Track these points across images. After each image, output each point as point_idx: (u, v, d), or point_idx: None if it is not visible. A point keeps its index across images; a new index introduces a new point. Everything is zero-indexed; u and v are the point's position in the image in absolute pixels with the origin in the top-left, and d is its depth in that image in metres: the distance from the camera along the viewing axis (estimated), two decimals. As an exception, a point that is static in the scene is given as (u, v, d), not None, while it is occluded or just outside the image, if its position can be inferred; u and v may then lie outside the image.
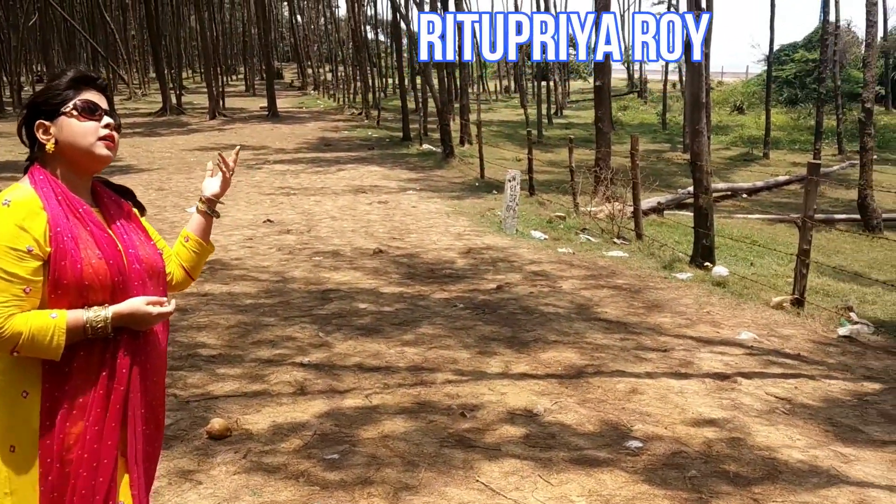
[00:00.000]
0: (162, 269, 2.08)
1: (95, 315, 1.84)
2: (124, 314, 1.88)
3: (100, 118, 1.96)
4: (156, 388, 2.01)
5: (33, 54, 59.03)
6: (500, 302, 6.96)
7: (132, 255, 1.95)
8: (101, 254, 1.87)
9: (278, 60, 74.14)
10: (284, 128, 30.78)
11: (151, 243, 2.09)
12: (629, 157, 10.81)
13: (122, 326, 1.88)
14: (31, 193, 1.86)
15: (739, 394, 4.82)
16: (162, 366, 2.05)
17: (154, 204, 13.02)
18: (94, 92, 1.98)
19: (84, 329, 1.83)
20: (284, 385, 4.91)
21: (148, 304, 1.91)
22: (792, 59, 39.68)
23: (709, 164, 9.12)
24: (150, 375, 1.98)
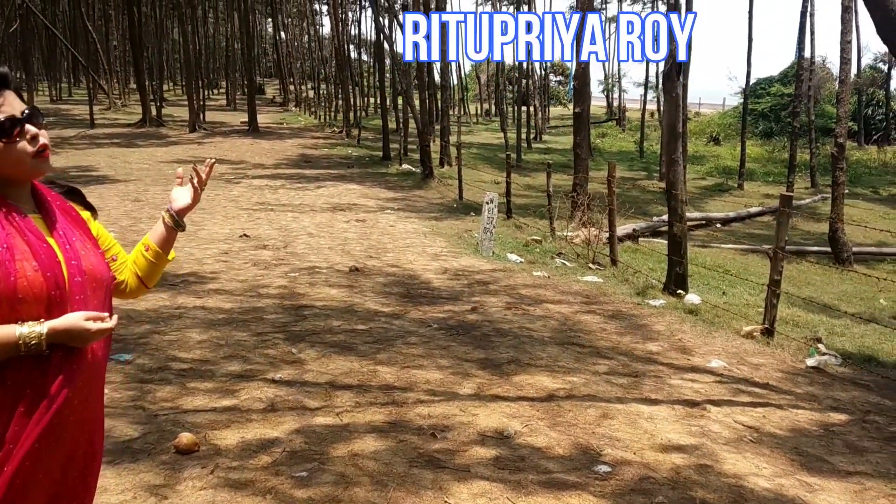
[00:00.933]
0: (108, 281, 1.95)
1: (30, 331, 1.70)
2: (60, 330, 1.74)
3: (24, 133, 1.80)
4: (91, 410, 1.87)
5: (13, 61, 58.56)
6: (475, 323, 6.98)
7: (74, 266, 1.82)
8: (38, 265, 1.74)
9: (261, 76, 74.21)
10: (264, 143, 30.73)
11: (98, 252, 1.96)
12: (606, 184, 10.91)
13: (57, 343, 1.75)
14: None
15: (708, 421, 4.86)
16: (99, 385, 1.91)
17: (130, 215, 12.93)
18: (3, 93, 1.80)
19: (17, 346, 1.69)
20: (255, 401, 4.89)
21: (87, 319, 1.78)
22: (768, 93, 40.37)
23: (684, 193, 9.23)
24: (85, 396, 1.83)
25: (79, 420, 1.82)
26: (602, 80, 58.12)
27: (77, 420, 1.82)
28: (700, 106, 53.66)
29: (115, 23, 53.13)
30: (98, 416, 1.94)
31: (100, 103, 42.30)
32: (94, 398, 1.89)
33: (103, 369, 1.95)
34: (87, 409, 1.86)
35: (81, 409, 1.83)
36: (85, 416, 1.85)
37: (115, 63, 53.13)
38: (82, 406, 1.83)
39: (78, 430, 1.84)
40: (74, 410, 1.80)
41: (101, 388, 1.95)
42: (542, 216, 14.64)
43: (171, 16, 58.92)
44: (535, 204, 17.85)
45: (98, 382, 1.91)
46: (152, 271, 2.20)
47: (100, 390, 1.93)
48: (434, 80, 32.01)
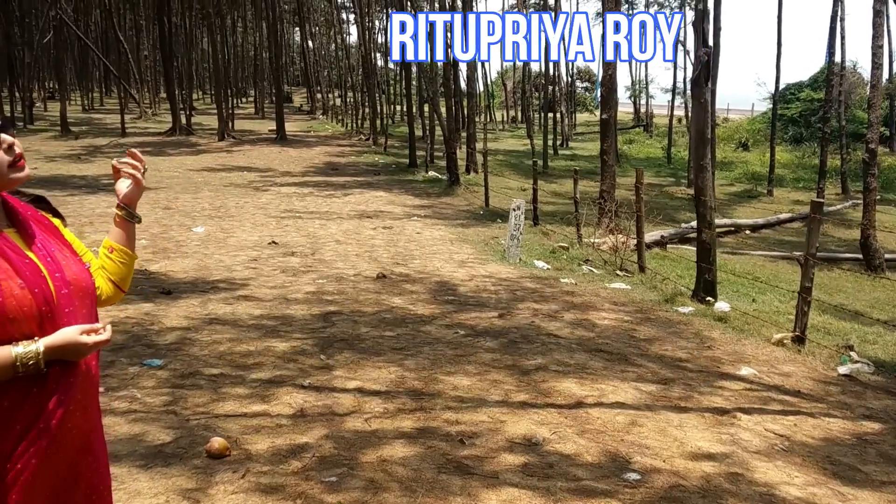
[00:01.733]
0: (92, 288, 1.93)
1: (26, 351, 1.67)
2: (57, 347, 1.71)
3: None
4: (90, 420, 1.86)
5: (46, 71, 59.63)
6: (502, 330, 6.98)
7: (59, 278, 1.79)
8: (24, 282, 1.71)
9: (288, 84, 74.79)
10: (292, 151, 30.97)
11: (77, 259, 1.92)
12: (633, 190, 10.86)
13: (54, 359, 1.73)
14: None
15: (739, 429, 4.82)
16: (95, 395, 1.90)
17: (160, 223, 13.09)
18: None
19: (14, 367, 1.67)
20: (285, 406, 4.93)
21: (82, 333, 1.76)
22: (797, 98, 39.92)
23: (713, 199, 9.17)
24: (84, 408, 1.82)
25: (80, 432, 1.82)
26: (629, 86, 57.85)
27: (79, 433, 1.81)
28: (728, 111, 53.20)
29: (146, 33, 53.92)
30: (97, 425, 1.93)
31: (131, 112, 42.91)
32: (92, 408, 1.88)
33: (97, 379, 1.93)
34: (87, 421, 1.85)
35: (82, 421, 1.82)
36: (85, 427, 1.84)
37: (145, 73, 53.93)
38: (83, 418, 1.82)
39: (80, 443, 1.83)
40: (76, 424, 1.79)
41: (97, 397, 1.94)
42: (569, 223, 14.60)
43: (200, 25, 59.60)
44: (561, 211, 17.81)
45: (93, 392, 1.89)
46: (124, 273, 2.13)
47: (96, 400, 1.92)
48: (460, 88, 32.10)
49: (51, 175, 20.12)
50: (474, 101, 29.28)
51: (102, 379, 5.26)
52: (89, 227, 12.31)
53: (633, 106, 55.98)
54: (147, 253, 10.25)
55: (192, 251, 10.59)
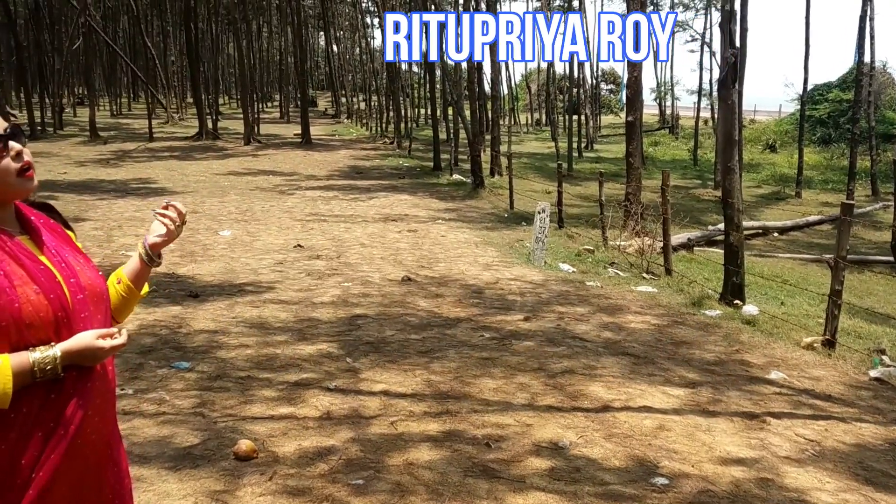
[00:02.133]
0: (106, 294, 1.94)
1: (43, 356, 1.68)
2: (74, 352, 1.73)
3: (7, 150, 1.77)
4: (108, 424, 1.87)
5: (75, 77, 60.49)
6: (528, 333, 6.96)
7: (74, 284, 1.80)
8: (39, 288, 1.71)
9: (313, 89, 75.21)
10: (317, 155, 31.12)
11: (91, 265, 1.93)
12: (659, 192, 10.79)
13: (70, 364, 1.74)
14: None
15: (768, 434, 4.77)
16: (111, 400, 1.91)
17: (187, 226, 13.16)
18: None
19: (32, 372, 1.67)
20: (311, 409, 4.95)
21: (98, 337, 1.77)
22: (826, 99, 39.45)
23: (740, 201, 9.09)
24: (102, 412, 1.83)
25: (99, 436, 1.83)
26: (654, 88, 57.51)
27: (98, 436, 1.82)
28: (755, 113, 52.68)
29: (172, 39, 54.55)
30: (115, 429, 1.94)
31: (158, 117, 43.36)
32: (110, 412, 1.89)
33: (114, 383, 1.94)
34: (106, 424, 1.86)
35: (101, 425, 1.83)
36: (104, 431, 1.85)
37: (172, 78, 54.47)
38: (101, 422, 1.83)
39: (100, 446, 1.84)
40: (95, 428, 1.81)
41: (114, 401, 1.94)
42: (594, 226, 14.53)
43: (226, 31, 60.21)
44: (586, 213, 17.74)
45: (110, 396, 1.90)
46: (123, 306, 2.10)
47: (113, 404, 1.92)
48: (484, 91, 32.10)
49: (80, 180, 20.38)
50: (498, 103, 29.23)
51: (132, 381, 5.32)
52: (118, 230, 12.46)
53: (659, 108, 55.63)
54: (175, 256, 10.34)
55: (219, 254, 10.67)
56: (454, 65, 27.72)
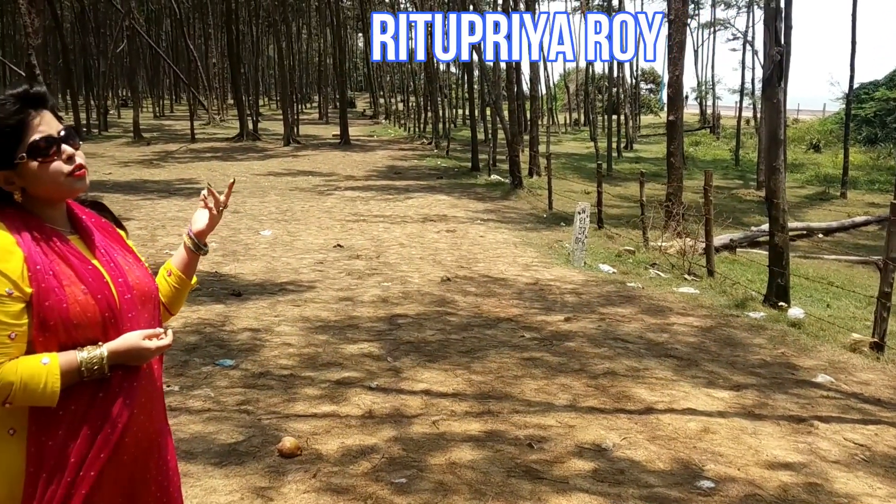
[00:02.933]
0: (155, 293, 1.96)
1: (90, 356, 1.71)
2: (121, 351, 1.75)
3: (60, 152, 1.78)
4: (156, 422, 1.89)
5: (119, 80, 61.63)
6: (568, 334, 6.92)
7: (122, 283, 1.82)
8: (87, 288, 1.74)
9: (352, 90, 75.69)
10: (355, 155, 31.31)
11: (140, 264, 1.95)
12: (700, 193, 10.66)
13: (117, 364, 1.77)
14: (2, 232, 1.72)
15: (816, 438, 4.68)
16: (159, 398, 1.93)
17: (229, 226, 13.37)
18: (39, 112, 1.78)
19: (79, 371, 1.70)
20: (354, 408, 4.98)
21: (145, 338, 1.79)
22: (872, 98, 38.65)
23: (785, 202, 8.94)
24: (148, 411, 1.85)
25: (146, 434, 1.85)
26: (695, 88, 56.90)
27: (144, 435, 1.84)
28: (798, 112, 51.82)
29: (214, 41, 55.25)
30: (163, 427, 1.95)
31: (199, 118, 43.97)
32: (156, 411, 1.90)
33: (161, 382, 1.96)
34: (152, 423, 1.87)
35: (147, 423, 1.85)
36: (151, 429, 1.87)
37: (213, 80, 55.22)
38: (147, 420, 1.85)
39: (147, 444, 1.86)
40: (141, 426, 1.83)
41: (162, 399, 1.97)
42: (635, 226, 14.40)
43: (266, 33, 60.84)
44: (626, 214, 17.59)
45: (157, 394, 1.92)
46: (176, 297, 2.13)
47: (160, 402, 1.95)
48: (523, 91, 32.00)
49: (125, 180, 20.75)
50: (537, 103, 29.09)
51: (178, 378, 5.40)
52: (161, 230, 12.65)
53: (700, 107, 55.02)
54: (217, 256, 10.48)
55: (261, 254, 10.78)
56: (493, 65, 27.66)
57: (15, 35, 52.45)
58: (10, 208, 1.78)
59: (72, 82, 37.86)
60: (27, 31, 11.59)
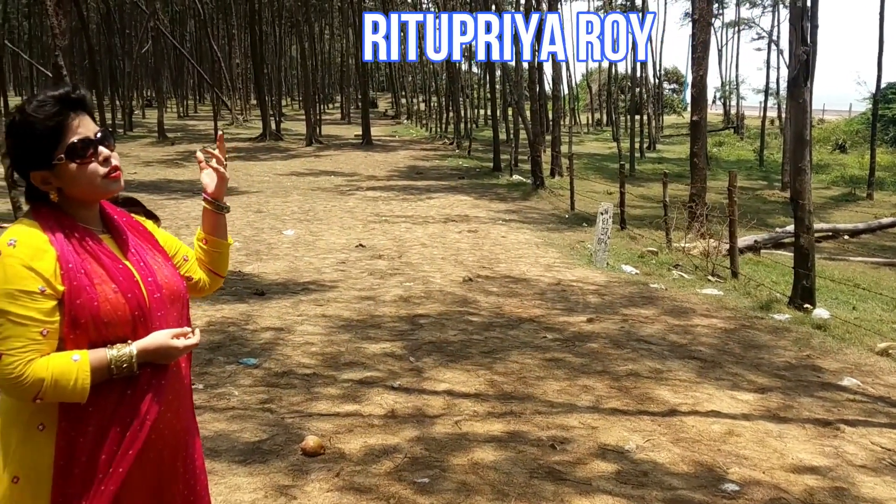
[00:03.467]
0: (183, 292, 1.98)
1: (119, 353, 1.74)
2: (150, 350, 1.79)
3: (97, 154, 1.82)
4: (183, 420, 1.92)
5: (144, 80, 62.19)
6: (591, 335, 6.90)
7: (151, 283, 1.86)
8: (118, 287, 1.78)
9: (373, 90, 75.87)
10: (377, 155, 31.39)
11: (169, 263, 1.99)
12: (724, 194, 10.58)
13: (145, 362, 1.80)
14: (36, 230, 1.76)
15: (843, 441, 4.63)
16: (187, 396, 1.96)
17: (252, 226, 13.47)
18: (78, 114, 1.82)
19: (109, 369, 1.73)
20: (376, 407, 4.99)
21: (173, 336, 1.83)
22: (900, 97, 38.14)
23: (811, 203, 8.85)
24: (175, 409, 1.88)
25: (173, 432, 1.87)
26: (718, 88, 56.45)
27: (171, 433, 1.86)
28: (824, 112, 51.25)
29: (237, 42, 55.61)
30: (191, 425, 1.98)
31: (223, 118, 44.30)
32: (184, 409, 1.93)
33: (189, 380, 1.98)
34: (180, 420, 1.89)
35: (174, 421, 1.87)
36: (178, 427, 1.89)
37: (237, 80, 55.56)
38: (175, 418, 1.87)
39: (174, 442, 1.88)
40: (168, 424, 1.85)
41: (190, 397, 1.99)
42: (658, 227, 14.32)
43: (289, 33, 61.13)
44: (649, 215, 17.50)
45: (185, 392, 1.95)
46: (219, 260, 2.17)
47: (188, 400, 1.97)
48: (545, 91, 31.90)
49: (149, 180, 20.95)
50: (559, 103, 29.02)
51: (202, 376, 5.44)
52: (185, 229, 12.76)
53: (723, 107, 54.59)
54: (240, 255, 10.55)
55: (283, 253, 10.84)
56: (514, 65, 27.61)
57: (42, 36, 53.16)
58: (46, 208, 1.82)
59: (97, 83, 38.22)
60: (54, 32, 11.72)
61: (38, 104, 1.78)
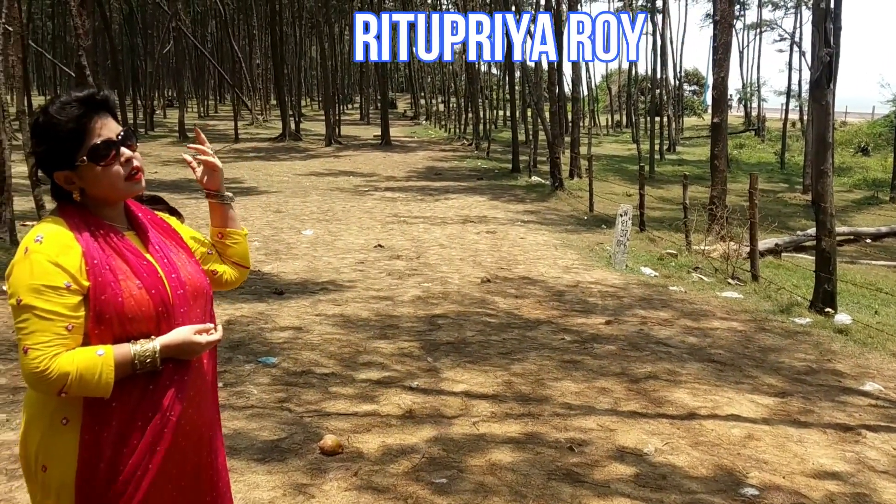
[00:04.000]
0: (207, 289, 2.00)
1: (143, 349, 1.76)
2: (172, 346, 1.80)
3: (119, 156, 1.84)
4: (205, 415, 1.93)
5: (165, 80, 62.66)
6: (610, 337, 6.87)
7: (175, 279, 1.88)
8: (142, 283, 1.80)
9: (393, 91, 76.01)
10: (396, 156, 31.44)
11: (193, 260, 2.01)
12: (744, 196, 10.51)
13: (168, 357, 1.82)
14: (62, 227, 1.79)
15: (864, 447, 4.58)
16: (209, 393, 1.97)
17: (272, 225, 13.53)
18: (100, 115, 1.84)
19: (132, 364, 1.75)
20: (394, 407, 5.00)
21: (196, 332, 1.85)
22: (924, 100, 37.72)
23: (833, 206, 8.77)
24: (198, 404, 1.90)
25: (195, 428, 1.89)
26: (739, 89, 56.07)
27: (193, 429, 1.88)
28: (846, 115, 50.79)
29: (258, 42, 55.88)
30: (214, 422, 1.99)
31: (243, 119, 44.50)
32: (206, 405, 1.94)
33: (210, 376, 1.99)
34: (202, 416, 1.91)
35: (197, 417, 1.89)
36: (200, 423, 1.90)
37: (257, 80, 55.85)
38: (197, 414, 1.89)
39: (197, 439, 1.90)
40: (190, 420, 1.87)
41: (214, 395, 2.01)
42: (677, 229, 14.25)
43: (310, 34, 61.40)
44: (669, 217, 17.41)
45: (208, 389, 1.96)
46: (241, 252, 2.21)
47: (211, 397, 1.98)
48: (564, 92, 31.83)
49: (171, 179, 21.10)
50: (579, 105, 28.96)
51: (221, 374, 5.47)
52: (205, 229, 12.76)
53: (745, 109, 54.21)
54: (260, 254, 10.60)
55: (302, 253, 10.89)
56: (534, 66, 27.57)
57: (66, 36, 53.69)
58: (71, 206, 1.85)
59: (120, 83, 38.56)
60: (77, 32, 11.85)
61: (62, 105, 1.81)
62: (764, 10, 49.95)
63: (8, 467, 4.00)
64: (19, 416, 4.43)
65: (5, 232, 9.98)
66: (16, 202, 10.73)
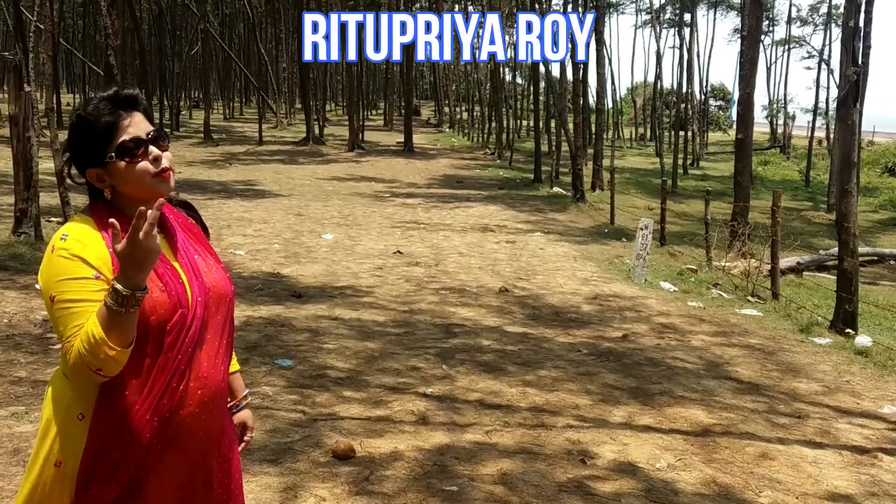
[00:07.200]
0: (230, 296, 2.00)
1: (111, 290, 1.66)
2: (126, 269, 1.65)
3: (147, 154, 1.86)
4: (215, 422, 1.93)
5: (192, 81, 63.24)
6: (626, 351, 6.85)
7: (199, 285, 1.88)
8: (164, 286, 1.81)
9: (417, 97, 76.24)
10: (418, 163, 31.51)
11: (220, 266, 2.03)
12: (767, 213, 10.43)
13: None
14: (88, 226, 1.82)
15: (880, 470, 4.53)
16: (220, 397, 1.95)
17: (292, 228, 13.60)
18: (129, 113, 1.86)
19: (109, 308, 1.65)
20: (407, 413, 5.01)
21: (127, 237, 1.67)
22: (953, 121, 37.28)
23: (856, 226, 8.70)
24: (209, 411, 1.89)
25: (205, 432, 1.89)
26: (765, 106, 55.73)
27: (204, 433, 1.88)
28: (874, 134, 50.24)
29: (284, 46, 56.29)
30: (226, 426, 2.00)
31: (268, 122, 44.83)
32: (217, 410, 1.93)
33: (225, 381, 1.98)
34: (213, 421, 1.91)
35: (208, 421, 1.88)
36: (210, 427, 1.90)
37: (283, 84, 56.22)
38: (208, 419, 1.88)
39: (207, 443, 1.90)
40: (201, 426, 1.87)
41: (224, 399, 2.00)
42: (698, 245, 14.18)
43: (336, 39, 61.68)
44: (690, 232, 17.32)
45: (220, 393, 1.94)
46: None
47: (222, 402, 1.97)
48: (588, 104, 31.79)
49: (195, 179, 21.29)
50: (603, 117, 28.92)
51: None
52: (227, 230, 12.94)
53: (770, 126, 53.87)
54: (279, 257, 10.67)
55: (322, 257, 10.94)
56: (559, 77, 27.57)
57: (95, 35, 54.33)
58: (102, 204, 1.88)
59: (147, 83, 38.98)
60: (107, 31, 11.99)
61: (94, 105, 1.86)
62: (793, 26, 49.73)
63: (26, 459, 4.05)
64: (37, 410, 4.49)
65: (31, 227, 10.12)
66: (42, 198, 10.87)
